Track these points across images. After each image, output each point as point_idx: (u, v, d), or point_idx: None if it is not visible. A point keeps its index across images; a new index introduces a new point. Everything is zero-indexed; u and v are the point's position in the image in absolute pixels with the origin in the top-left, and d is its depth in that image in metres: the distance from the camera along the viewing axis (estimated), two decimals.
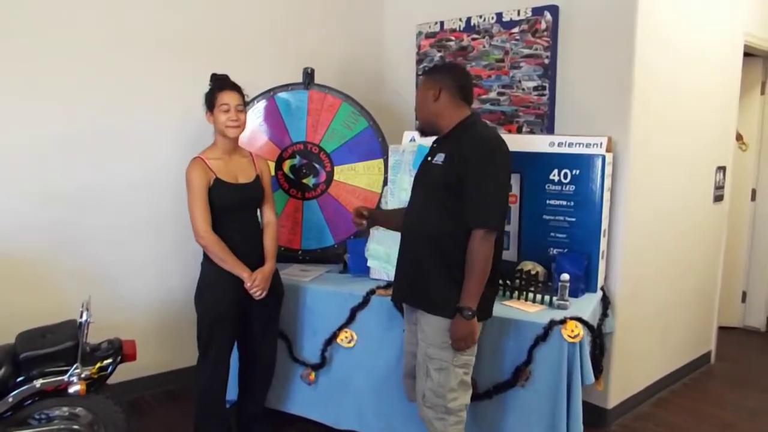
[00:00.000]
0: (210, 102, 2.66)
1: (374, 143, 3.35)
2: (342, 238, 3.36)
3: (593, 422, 3.06)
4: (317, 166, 3.37)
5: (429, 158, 2.34)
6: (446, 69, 2.39)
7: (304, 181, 3.36)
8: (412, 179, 2.90)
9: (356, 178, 3.37)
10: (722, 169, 3.93)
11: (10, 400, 2.21)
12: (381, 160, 3.33)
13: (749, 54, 4.13)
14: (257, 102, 3.33)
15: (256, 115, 3.34)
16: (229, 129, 2.64)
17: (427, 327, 2.26)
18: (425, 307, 2.27)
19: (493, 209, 2.15)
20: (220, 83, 2.67)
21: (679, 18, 3.26)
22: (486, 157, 2.16)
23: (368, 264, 3.03)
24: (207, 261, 2.64)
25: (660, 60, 3.13)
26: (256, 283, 2.63)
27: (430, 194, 2.29)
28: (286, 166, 3.36)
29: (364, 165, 3.36)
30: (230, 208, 2.64)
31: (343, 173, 3.38)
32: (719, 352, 4.21)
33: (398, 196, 2.97)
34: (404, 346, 2.52)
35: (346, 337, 2.87)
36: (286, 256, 3.37)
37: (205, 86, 2.66)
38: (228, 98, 2.62)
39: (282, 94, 3.35)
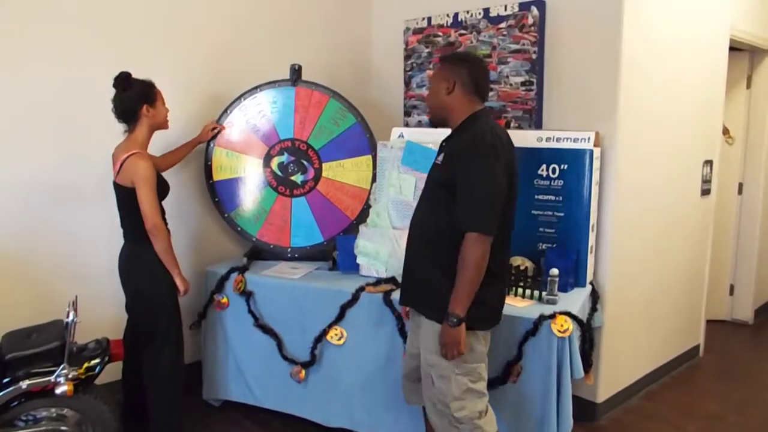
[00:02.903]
0: (149, 95, 2.71)
1: (362, 139, 3.34)
2: (331, 235, 3.35)
3: (583, 416, 3.07)
4: (305, 163, 3.35)
5: (437, 158, 2.27)
6: (464, 61, 2.25)
7: (292, 178, 3.34)
8: (400, 175, 2.93)
9: (345, 174, 3.36)
10: (709, 163, 3.95)
11: None
12: (369, 156, 3.32)
13: (735, 48, 4.15)
14: (245, 99, 3.31)
15: (243, 113, 3.32)
16: (167, 122, 2.82)
17: (426, 332, 2.21)
18: (423, 312, 2.22)
19: (484, 210, 2.04)
20: (148, 81, 2.74)
21: (665, 13, 3.27)
22: (478, 153, 2.05)
23: (357, 261, 3.02)
24: (147, 248, 2.65)
25: (647, 55, 3.14)
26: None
27: (430, 194, 2.23)
28: (274, 163, 3.35)
29: (352, 161, 3.35)
30: (161, 201, 2.74)
31: (332, 170, 3.36)
32: (708, 345, 4.24)
33: (387, 192, 2.97)
34: (407, 347, 2.46)
35: (336, 335, 2.87)
36: (275, 253, 3.36)
37: (192, 84, 2.65)
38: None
39: (269, 91, 3.34)
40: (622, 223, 3.13)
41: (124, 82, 2.68)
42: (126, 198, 2.65)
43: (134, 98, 2.67)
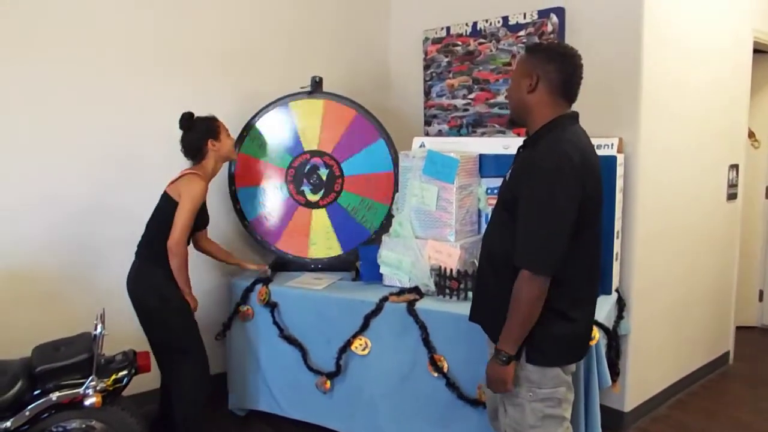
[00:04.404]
0: (212, 130, 2.82)
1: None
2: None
3: (611, 425, 3.03)
4: (326, 176, 3.37)
5: (510, 168, 2.03)
6: (552, 54, 1.93)
7: (309, 197, 3.37)
8: (422, 184, 2.93)
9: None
10: (735, 167, 3.89)
11: (27, 413, 2.22)
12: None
13: (759, 50, 4.10)
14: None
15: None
16: (234, 152, 2.93)
17: None
18: (492, 337, 2.01)
19: (539, 245, 1.78)
20: (210, 116, 2.86)
21: (686, 16, 3.25)
22: (542, 176, 1.78)
23: (381, 271, 3.03)
24: (161, 265, 2.68)
25: (668, 59, 3.12)
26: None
27: (497, 213, 2.02)
28: (300, 167, 3.37)
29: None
30: (196, 231, 2.85)
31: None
32: (737, 352, 4.17)
33: (409, 201, 2.97)
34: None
35: (361, 345, 2.87)
36: (299, 264, 3.37)
37: (214, 98, 2.68)
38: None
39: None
40: (647, 230, 3.10)
41: (187, 122, 2.81)
42: (164, 209, 2.71)
43: (199, 136, 2.80)
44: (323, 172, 3.37)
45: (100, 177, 3.10)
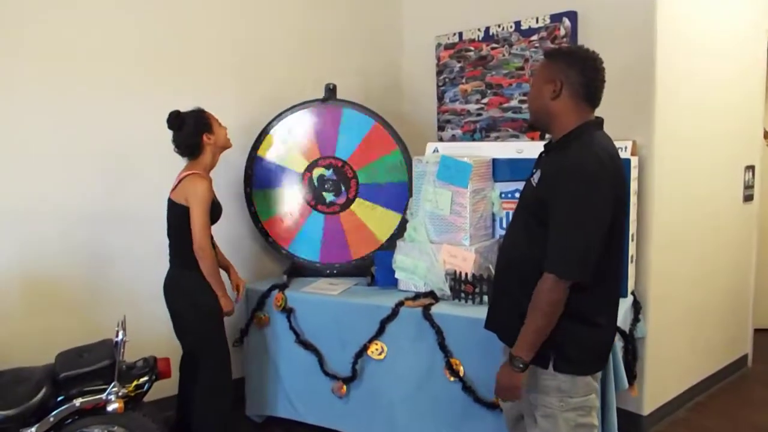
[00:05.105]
0: (205, 122, 2.75)
1: (403, 198, 3.32)
2: (328, 261, 3.39)
3: (629, 429, 3.00)
4: (343, 187, 3.40)
5: (532, 172, 2.01)
6: (574, 58, 1.91)
7: (324, 194, 3.40)
8: (436, 189, 2.94)
9: (370, 218, 3.39)
10: (751, 168, 3.87)
11: (51, 419, 2.25)
12: (400, 215, 3.33)
13: None
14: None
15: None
16: (229, 141, 2.86)
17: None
18: (512, 345, 1.93)
19: (570, 253, 1.76)
20: (197, 109, 2.78)
21: (700, 15, 3.24)
22: (575, 182, 1.76)
23: (396, 276, 3.04)
24: (193, 269, 2.69)
25: (682, 61, 3.11)
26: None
27: (521, 218, 1.98)
28: (316, 173, 3.40)
29: (383, 211, 3.38)
30: (212, 224, 2.79)
31: (361, 207, 3.40)
32: (756, 354, 4.13)
33: (423, 206, 2.99)
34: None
35: (377, 350, 2.88)
36: (314, 270, 3.40)
37: (227, 104, 2.70)
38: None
39: (350, 110, 3.39)
40: (662, 232, 3.09)
41: (176, 120, 2.72)
42: (176, 216, 2.70)
43: (193, 132, 2.72)
44: (340, 183, 3.40)
45: (114, 184, 3.14)
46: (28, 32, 2.88)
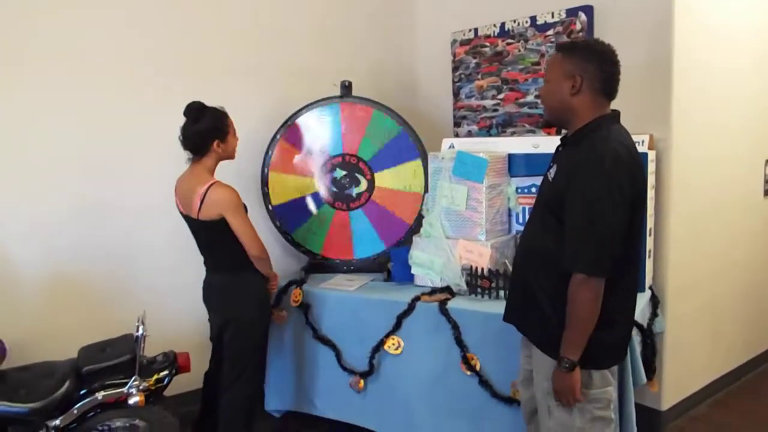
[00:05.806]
0: (220, 130, 2.58)
1: (410, 145, 3.37)
2: (393, 242, 3.39)
3: (647, 425, 2.99)
4: (358, 175, 3.42)
5: (549, 167, 2.01)
6: (592, 52, 1.89)
7: (348, 192, 3.43)
8: (452, 185, 2.95)
9: (396, 181, 3.41)
10: None
11: (75, 412, 2.32)
12: (419, 161, 3.35)
13: None
14: (294, 119, 3.41)
15: (294, 133, 3.43)
16: (235, 153, 2.73)
17: (541, 366, 1.98)
18: (537, 344, 1.99)
19: (592, 248, 1.74)
20: (221, 110, 2.62)
21: (717, 8, 3.20)
22: (593, 178, 1.75)
23: (412, 271, 3.06)
24: (244, 277, 2.68)
25: (700, 53, 3.08)
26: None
27: (539, 213, 1.98)
28: (328, 179, 3.44)
29: (402, 168, 3.39)
30: None
31: (383, 179, 3.42)
32: None
33: (439, 202, 3.00)
34: (519, 372, 2.22)
35: (393, 344, 2.90)
36: (331, 266, 3.43)
37: (242, 106, 2.70)
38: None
39: (317, 110, 3.41)
40: (680, 227, 3.07)
41: (195, 112, 2.54)
42: (215, 232, 2.56)
43: (205, 133, 2.55)
44: (353, 174, 3.43)
45: (135, 182, 3.19)
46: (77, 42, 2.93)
